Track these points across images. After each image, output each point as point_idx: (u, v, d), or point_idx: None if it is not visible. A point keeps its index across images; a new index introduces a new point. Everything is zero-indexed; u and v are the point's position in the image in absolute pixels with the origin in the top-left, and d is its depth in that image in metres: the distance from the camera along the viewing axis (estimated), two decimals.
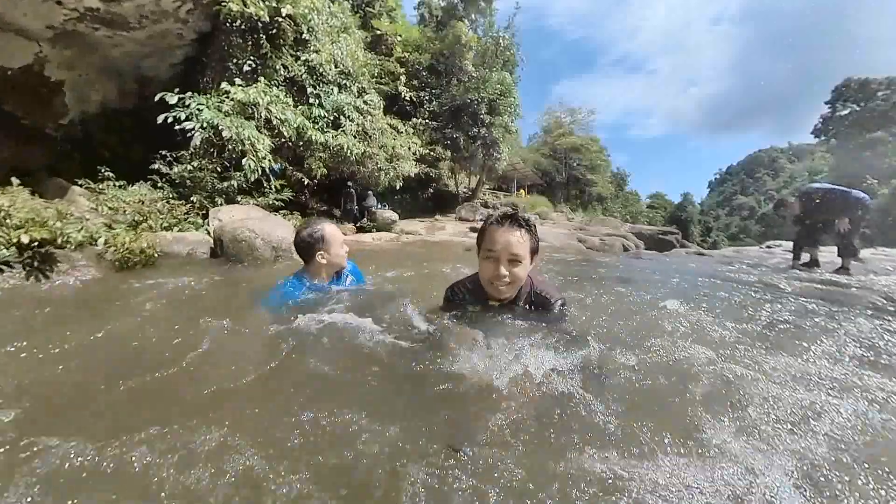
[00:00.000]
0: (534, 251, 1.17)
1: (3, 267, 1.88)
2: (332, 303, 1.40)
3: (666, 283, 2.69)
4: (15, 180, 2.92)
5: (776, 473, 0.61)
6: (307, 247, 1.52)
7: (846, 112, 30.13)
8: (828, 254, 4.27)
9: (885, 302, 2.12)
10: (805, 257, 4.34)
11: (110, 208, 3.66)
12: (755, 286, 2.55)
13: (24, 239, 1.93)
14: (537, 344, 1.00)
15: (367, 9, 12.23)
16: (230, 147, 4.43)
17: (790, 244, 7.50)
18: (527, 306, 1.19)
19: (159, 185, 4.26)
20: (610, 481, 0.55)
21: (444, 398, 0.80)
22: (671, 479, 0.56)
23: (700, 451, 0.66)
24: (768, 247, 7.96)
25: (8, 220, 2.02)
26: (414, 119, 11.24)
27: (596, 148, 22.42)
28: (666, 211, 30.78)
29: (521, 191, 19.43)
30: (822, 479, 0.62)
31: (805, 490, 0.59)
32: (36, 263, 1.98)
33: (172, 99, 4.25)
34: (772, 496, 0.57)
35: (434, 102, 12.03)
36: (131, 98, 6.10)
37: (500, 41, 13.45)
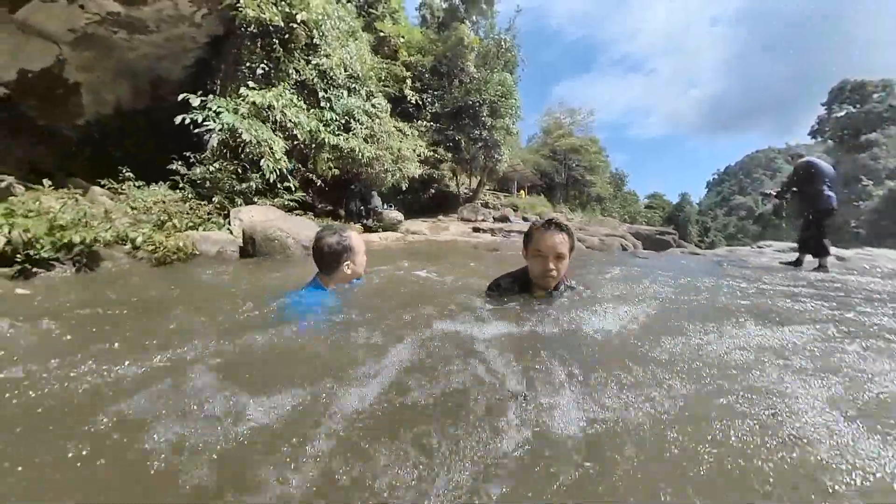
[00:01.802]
0: (571, 249, 1.44)
1: (55, 264, 2.04)
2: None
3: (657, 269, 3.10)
4: (46, 181, 3.06)
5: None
6: (335, 255, 1.40)
7: (842, 114, 30.53)
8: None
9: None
10: (793, 257, 4.63)
11: (133, 208, 3.80)
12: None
13: (76, 239, 2.09)
14: (578, 316, 1.32)
15: (371, 10, 12.35)
16: (248, 149, 4.57)
17: (781, 244, 7.75)
18: (563, 294, 1.50)
19: (180, 185, 4.39)
20: (656, 413, 0.76)
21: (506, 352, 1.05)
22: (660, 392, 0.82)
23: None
24: (759, 247, 8.20)
25: (57, 222, 2.17)
26: (417, 121, 11.38)
27: (595, 149, 22.62)
28: (664, 211, 31.01)
29: (521, 191, 19.61)
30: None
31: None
32: (84, 261, 2.14)
33: (196, 101, 4.38)
34: None
35: (436, 104, 12.18)
36: (144, 99, 6.23)
37: (502, 43, 13.60)
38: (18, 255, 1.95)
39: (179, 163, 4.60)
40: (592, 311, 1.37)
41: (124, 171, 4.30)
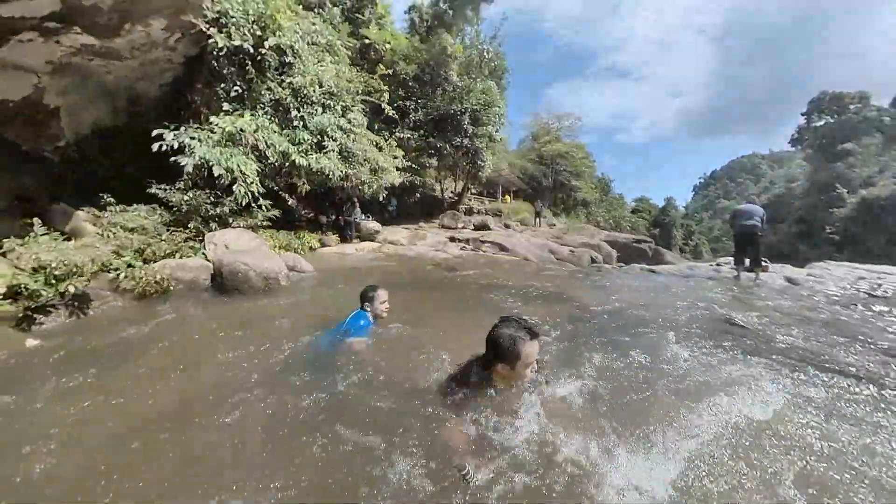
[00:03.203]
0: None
1: (51, 310, 2.45)
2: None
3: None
4: (37, 221, 3.39)
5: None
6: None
7: (821, 123, 31.47)
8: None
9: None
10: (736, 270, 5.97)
11: (115, 235, 4.15)
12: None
13: (71, 289, 2.49)
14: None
15: (357, 15, 12.41)
16: (221, 178, 4.91)
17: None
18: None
19: (158, 211, 4.72)
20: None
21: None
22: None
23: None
24: (717, 264, 8.79)
25: (55, 272, 2.56)
26: (399, 129, 11.62)
27: (581, 154, 23.08)
28: (650, 215, 31.76)
29: (507, 196, 20.01)
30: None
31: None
32: (76, 304, 2.55)
33: (169, 135, 4.68)
34: None
35: (420, 112, 12.43)
36: (122, 116, 6.43)
37: (485, 53, 13.81)
38: (20, 303, 2.34)
39: (157, 187, 4.91)
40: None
41: (105, 196, 4.61)
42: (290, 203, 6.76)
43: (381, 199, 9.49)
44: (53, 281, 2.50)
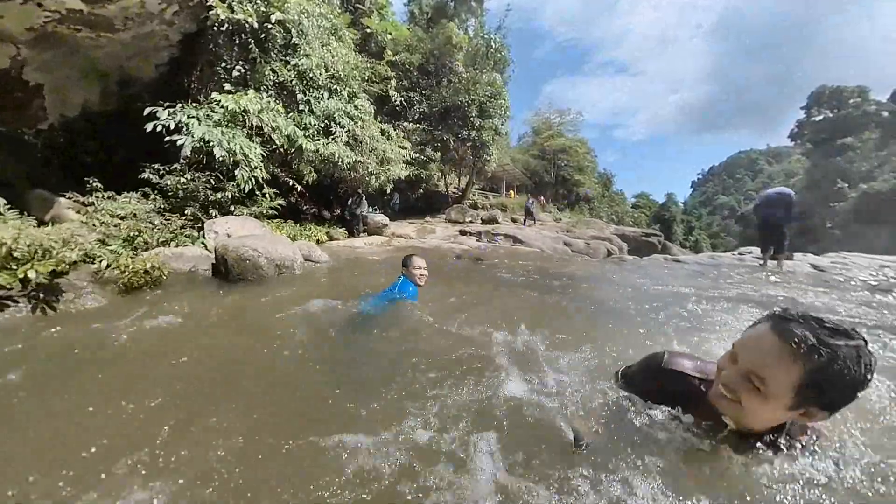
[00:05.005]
0: (800, 387, 0.64)
1: (8, 302, 1.95)
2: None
3: None
4: (1, 200, 2.91)
5: None
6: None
7: (820, 118, 31.62)
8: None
9: None
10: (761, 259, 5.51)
11: (102, 222, 3.67)
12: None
13: (31, 274, 1.98)
14: None
15: (357, 6, 12.02)
16: (222, 159, 4.44)
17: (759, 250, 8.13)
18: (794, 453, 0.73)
19: (151, 196, 4.24)
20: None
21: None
22: None
23: None
24: (740, 254, 8.52)
25: (14, 254, 2.05)
26: (404, 121, 11.23)
27: (583, 149, 22.84)
28: (650, 210, 31.68)
29: (511, 192, 19.68)
30: None
31: None
32: (42, 295, 2.04)
33: (163, 114, 4.21)
34: None
35: (424, 103, 12.03)
36: (113, 100, 5.95)
37: (492, 43, 13.49)
38: None
39: (151, 170, 4.43)
40: None
41: (91, 181, 4.11)
42: (295, 192, 6.30)
43: (386, 192, 9.08)
44: (13, 266, 1.99)
